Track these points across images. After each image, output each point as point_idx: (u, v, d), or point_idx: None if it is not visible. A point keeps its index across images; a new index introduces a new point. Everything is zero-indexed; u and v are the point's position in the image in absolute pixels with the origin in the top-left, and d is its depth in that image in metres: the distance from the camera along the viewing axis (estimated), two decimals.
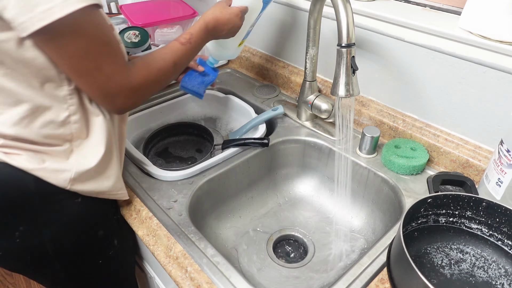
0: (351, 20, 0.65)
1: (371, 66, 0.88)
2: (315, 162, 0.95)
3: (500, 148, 0.64)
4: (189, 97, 1.10)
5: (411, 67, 0.81)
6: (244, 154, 0.88)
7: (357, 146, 0.88)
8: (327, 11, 0.88)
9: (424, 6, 0.86)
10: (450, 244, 0.64)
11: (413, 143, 0.83)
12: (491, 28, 0.69)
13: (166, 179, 0.80)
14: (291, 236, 0.87)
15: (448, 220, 0.65)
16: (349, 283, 0.60)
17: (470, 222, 0.64)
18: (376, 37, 0.84)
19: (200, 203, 0.81)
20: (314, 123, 0.97)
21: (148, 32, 1.10)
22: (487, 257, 0.62)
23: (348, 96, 0.68)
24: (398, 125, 0.87)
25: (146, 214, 0.73)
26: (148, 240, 0.69)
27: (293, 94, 1.09)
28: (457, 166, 0.79)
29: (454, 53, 0.73)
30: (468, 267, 0.61)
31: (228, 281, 0.60)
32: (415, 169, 0.79)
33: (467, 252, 0.63)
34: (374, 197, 0.85)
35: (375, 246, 0.66)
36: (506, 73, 0.68)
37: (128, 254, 0.82)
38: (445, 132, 0.81)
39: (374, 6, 0.87)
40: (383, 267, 0.62)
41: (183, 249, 0.66)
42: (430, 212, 0.64)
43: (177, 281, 0.62)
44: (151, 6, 1.34)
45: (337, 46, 0.67)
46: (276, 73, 1.13)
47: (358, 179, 0.87)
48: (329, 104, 0.91)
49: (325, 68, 1.01)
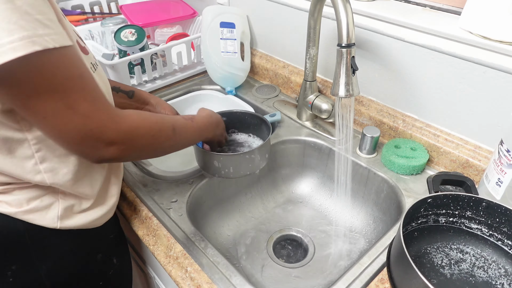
0: (351, 20, 0.65)
1: (371, 66, 0.88)
2: (315, 162, 0.95)
3: (500, 148, 0.64)
4: (190, 97, 1.10)
5: (411, 67, 0.81)
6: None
7: (357, 146, 0.88)
8: (327, 11, 0.88)
9: (424, 6, 0.86)
10: (450, 244, 0.64)
11: (413, 143, 0.83)
12: (491, 28, 0.69)
13: (166, 179, 0.80)
14: (291, 236, 0.87)
15: (448, 220, 0.65)
16: (349, 283, 0.60)
17: (470, 222, 0.64)
18: (376, 37, 0.84)
19: (200, 203, 0.81)
20: (314, 123, 0.97)
21: (144, 31, 1.10)
22: (487, 257, 0.62)
23: (348, 96, 0.68)
24: (398, 125, 0.87)
25: (146, 214, 0.73)
26: (148, 240, 0.69)
27: (293, 94, 1.09)
28: (457, 166, 0.79)
29: (454, 53, 0.73)
30: (468, 267, 0.61)
31: (228, 281, 0.60)
32: (415, 169, 0.79)
33: (467, 252, 0.63)
34: (374, 197, 0.85)
35: (375, 246, 0.66)
36: (506, 73, 0.68)
37: (127, 268, 0.78)
38: (445, 132, 0.81)
39: (374, 6, 0.87)
40: (383, 267, 0.62)
41: (183, 249, 0.66)
42: (430, 212, 0.64)
43: (177, 281, 0.62)
44: (151, 6, 1.34)
45: (337, 46, 0.67)
46: (276, 73, 1.13)
47: (358, 179, 0.87)
48: (329, 104, 0.91)
49: (325, 68, 1.01)
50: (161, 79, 1.13)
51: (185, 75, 1.18)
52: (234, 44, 1.07)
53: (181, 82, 1.17)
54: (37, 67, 0.40)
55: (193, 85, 1.15)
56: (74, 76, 0.43)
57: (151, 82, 1.12)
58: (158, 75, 1.13)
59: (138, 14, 1.26)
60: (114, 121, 0.46)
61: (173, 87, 1.14)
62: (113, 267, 0.71)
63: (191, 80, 1.18)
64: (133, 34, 1.08)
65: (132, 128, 0.49)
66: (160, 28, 1.28)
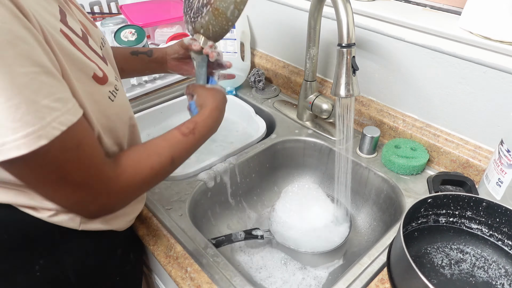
0: (351, 20, 0.65)
1: (371, 66, 0.88)
2: (315, 162, 0.95)
3: (500, 148, 0.64)
4: None
5: (411, 67, 0.81)
6: (244, 154, 0.88)
7: (357, 146, 0.88)
8: (327, 11, 0.88)
9: (424, 6, 0.86)
10: (450, 244, 0.64)
11: (413, 143, 0.83)
12: (492, 28, 0.69)
13: (166, 179, 0.80)
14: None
15: (448, 220, 0.65)
16: (349, 283, 0.60)
17: (470, 222, 0.64)
18: (376, 37, 0.84)
19: (200, 203, 0.81)
20: (314, 123, 0.97)
21: (144, 31, 1.10)
22: (487, 257, 0.62)
23: (348, 96, 0.68)
24: (398, 125, 0.87)
25: (146, 214, 0.73)
26: (148, 240, 0.69)
27: (293, 94, 1.09)
28: (457, 166, 0.79)
29: (454, 53, 0.73)
30: (468, 267, 0.61)
31: (228, 281, 0.60)
32: (415, 169, 0.79)
33: (467, 252, 0.63)
34: (374, 197, 0.85)
35: (375, 246, 0.66)
36: (506, 73, 0.68)
37: (140, 264, 0.79)
38: (445, 132, 0.81)
39: (374, 6, 0.87)
40: (383, 267, 0.62)
41: (183, 249, 0.66)
42: (430, 212, 0.64)
43: (177, 281, 0.62)
44: (151, 6, 1.34)
45: (337, 46, 0.67)
46: (276, 73, 1.13)
47: (358, 179, 0.87)
48: (329, 104, 0.91)
49: (325, 68, 1.01)
50: (161, 79, 1.13)
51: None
52: (234, 44, 1.07)
53: (181, 82, 1.17)
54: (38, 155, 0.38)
55: None
56: (72, 148, 0.41)
57: (151, 82, 1.12)
58: (158, 75, 1.13)
59: (138, 14, 1.27)
60: (106, 186, 0.46)
61: (173, 87, 1.13)
62: (130, 262, 0.71)
63: (191, 80, 1.18)
64: (133, 34, 1.08)
65: (125, 188, 0.48)
66: (160, 28, 1.28)
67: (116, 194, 0.47)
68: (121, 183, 0.48)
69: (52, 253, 0.57)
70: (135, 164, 0.50)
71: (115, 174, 0.47)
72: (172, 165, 0.55)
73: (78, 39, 0.49)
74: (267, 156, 0.92)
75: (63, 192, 0.43)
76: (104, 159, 0.47)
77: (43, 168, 0.40)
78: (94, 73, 0.49)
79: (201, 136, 0.60)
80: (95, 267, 0.63)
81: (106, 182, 0.46)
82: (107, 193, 0.46)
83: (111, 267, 0.67)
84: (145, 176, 0.51)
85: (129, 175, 0.49)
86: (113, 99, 0.52)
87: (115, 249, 0.66)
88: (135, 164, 0.50)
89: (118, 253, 0.67)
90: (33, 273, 0.56)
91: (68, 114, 0.40)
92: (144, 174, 0.50)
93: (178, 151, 0.56)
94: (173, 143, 0.56)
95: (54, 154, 0.40)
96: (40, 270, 0.56)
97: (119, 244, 0.67)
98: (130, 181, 0.49)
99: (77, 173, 0.43)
